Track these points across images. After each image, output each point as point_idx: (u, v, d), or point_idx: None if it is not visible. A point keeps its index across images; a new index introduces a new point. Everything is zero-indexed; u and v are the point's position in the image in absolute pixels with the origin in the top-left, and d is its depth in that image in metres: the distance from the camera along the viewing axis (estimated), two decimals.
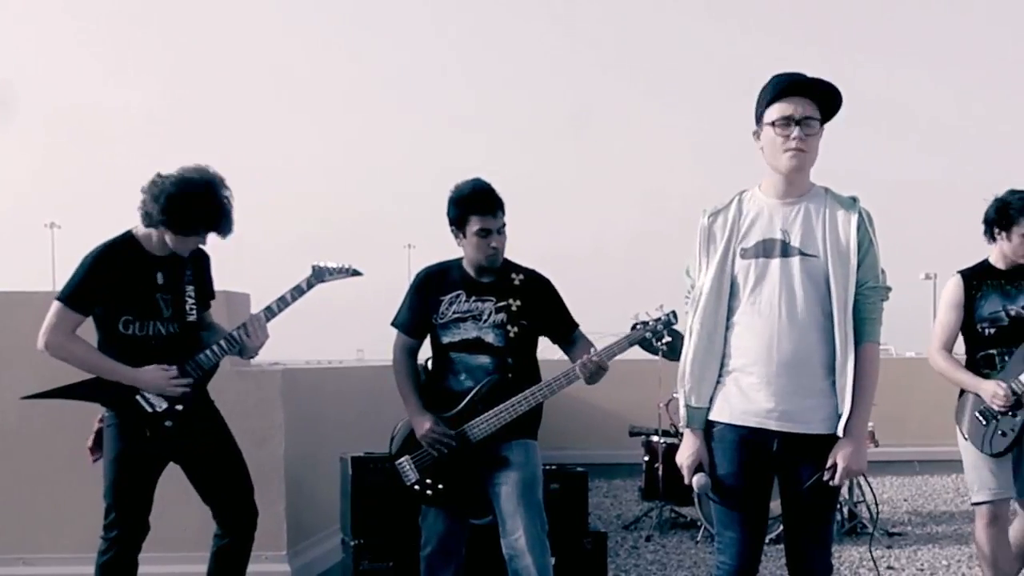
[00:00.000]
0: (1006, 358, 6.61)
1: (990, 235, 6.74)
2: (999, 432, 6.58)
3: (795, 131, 4.51)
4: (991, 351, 6.69)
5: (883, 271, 4.70)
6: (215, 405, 6.13)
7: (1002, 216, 6.64)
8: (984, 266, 6.80)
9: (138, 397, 5.75)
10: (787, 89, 4.57)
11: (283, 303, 6.00)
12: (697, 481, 4.64)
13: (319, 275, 6.03)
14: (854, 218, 4.61)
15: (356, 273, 6.13)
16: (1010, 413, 6.51)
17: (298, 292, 6.01)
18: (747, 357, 4.59)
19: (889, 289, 4.73)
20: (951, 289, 6.81)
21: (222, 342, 5.91)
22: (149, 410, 5.76)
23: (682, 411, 4.72)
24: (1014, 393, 6.46)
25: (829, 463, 4.54)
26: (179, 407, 5.81)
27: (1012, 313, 6.65)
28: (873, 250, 4.65)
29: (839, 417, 4.56)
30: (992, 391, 6.48)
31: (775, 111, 4.56)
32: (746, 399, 4.60)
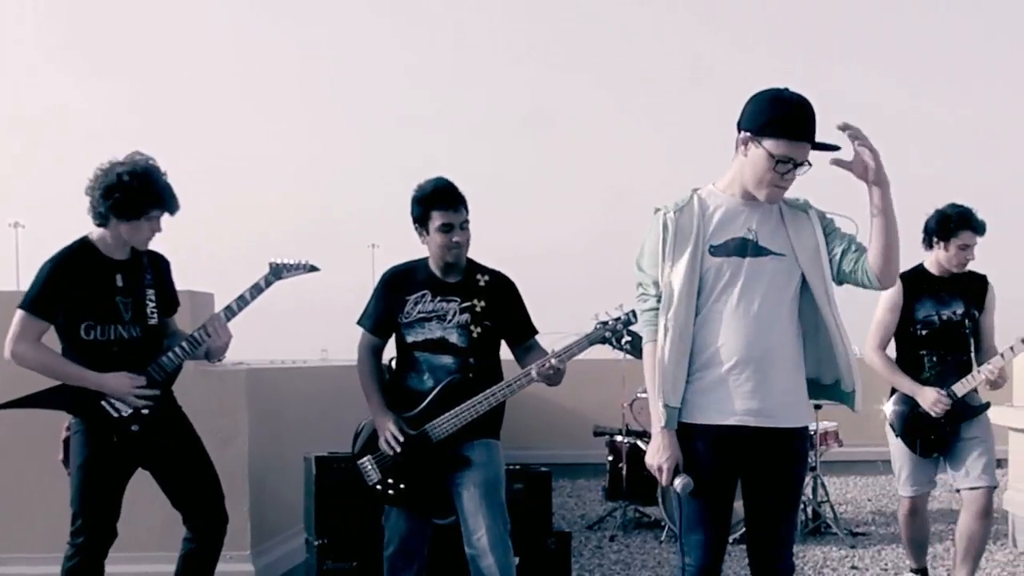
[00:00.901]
0: (933, 358, 7.13)
1: (928, 243, 7.23)
2: (931, 437, 7.13)
3: (791, 174, 4.53)
4: (921, 352, 7.18)
5: (847, 233, 4.75)
6: (182, 409, 6.13)
7: (942, 228, 7.10)
8: (920, 271, 7.27)
9: (103, 403, 5.73)
10: (798, 135, 4.51)
11: (243, 302, 6.00)
12: (681, 483, 4.57)
13: (277, 272, 6.03)
14: (814, 216, 4.69)
15: (313, 269, 6.13)
16: (941, 419, 6.99)
17: (257, 290, 6.01)
18: (719, 355, 4.58)
19: (855, 231, 4.75)
20: (892, 291, 7.03)
21: (184, 344, 5.90)
22: (115, 415, 5.75)
23: (658, 411, 4.63)
24: (951, 400, 6.95)
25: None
26: (145, 411, 5.80)
27: (944, 317, 7.14)
28: (833, 224, 4.74)
29: (808, 410, 4.75)
30: (934, 399, 6.96)
31: (781, 147, 4.50)
32: (720, 398, 4.59)
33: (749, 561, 4.87)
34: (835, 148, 4.51)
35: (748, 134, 4.57)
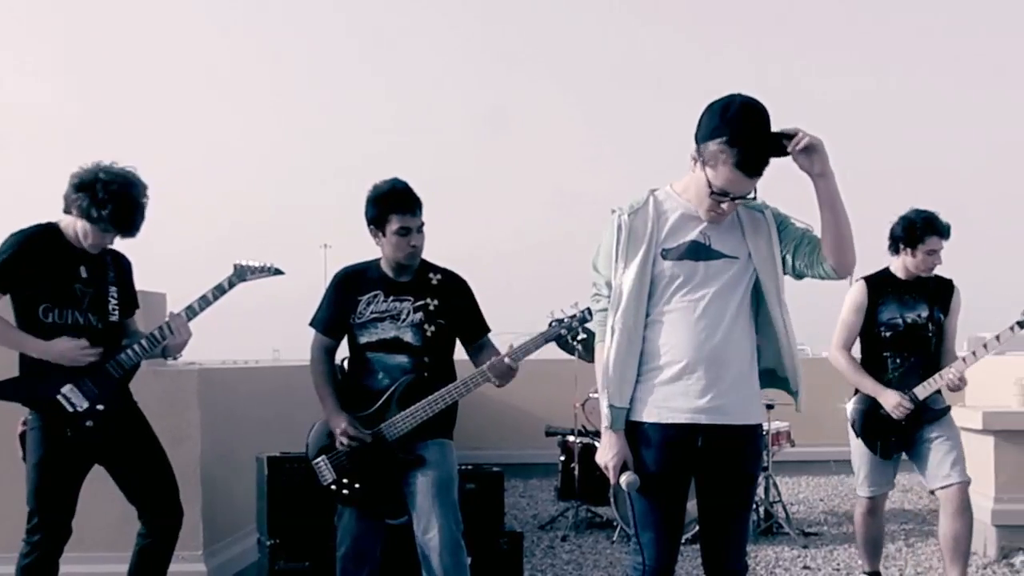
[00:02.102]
0: (897, 360, 7.23)
1: (894, 249, 7.33)
2: (892, 439, 7.23)
3: (727, 205, 4.52)
4: (885, 353, 7.26)
5: (800, 224, 4.74)
6: (138, 405, 6.13)
7: (908, 234, 7.19)
8: (886, 275, 7.38)
9: (59, 397, 5.72)
10: (744, 166, 4.39)
11: (205, 302, 6.00)
12: (626, 479, 4.57)
13: (241, 274, 6.03)
14: (769, 216, 4.70)
15: (278, 272, 6.13)
16: (903, 422, 7.09)
17: (220, 291, 6.01)
18: (672, 355, 4.59)
19: (809, 225, 4.74)
20: (856, 293, 7.34)
21: (143, 341, 5.90)
22: (70, 409, 5.74)
23: (605, 411, 4.64)
24: (913, 403, 7.03)
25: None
26: (100, 407, 5.80)
27: (908, 320, 7.22)
28: (788, 220, 4.74)
29: (761, 409, 4.77)
30: (896, 402, 7.05)
31: (720, 176, 4.42)
32: (673, 397, 4.59)
33: (702, 561, 4.88)
34: (784, 151, 4.45)
35: (696, 153, 4.53)
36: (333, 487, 5.90)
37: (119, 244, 6.01)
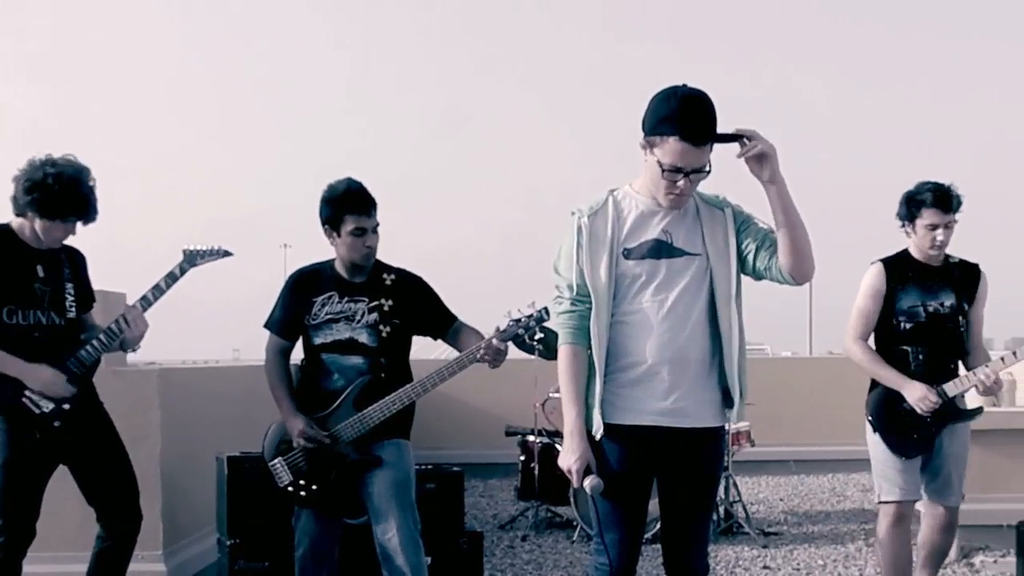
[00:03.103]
0: (920, 356, 6.43)
1: (904, 230, 6.58)
2: (914, 436, 6.43)
3: (682, 182, 4.48)
4: (904, 347, 6.48)
5: (762, 225, 4.73)
6: (102, 404, 6.13)
7: (907, 209, 6.51)
8: (906, 256, 6.61)
9: (24, 399, 5.71)
10: (685, 135, 4.40)
11: (158, 291, 5.98)
12: (590, 483, 4.54)
13: (191, 259, 6.02)
14: (729, 213, 4.68)
15: (227, 254, 6.10)
16: (927, 418, 6.35)
17: (171, 278, 5.99)
18: (635, 357, 4.58)
19: (770, 227, 4.70)
20: (873, 277, 6.58)
21: (101, 336, 5.89)
22: (36, 411, 5.72)
23: (575, 415, 4.63)
24: (941, 399, 6.31)
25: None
26: (66, 406, 5.79)
27: (930, 309, 6.47)
28: (751, 221, 4.73)
29: (724, 410, 4.68)
30: (921, 395, 6.30)
31: (667, 154, 4.43)
32: (635, 399, 4.60)
33: (663, 561, 4.89)
34: (735, 139, 4.47)
35: (644, 141, 4.56)
36: (290, 489, 5.90)
37: (75, 239, 6.02)
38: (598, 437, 4.61)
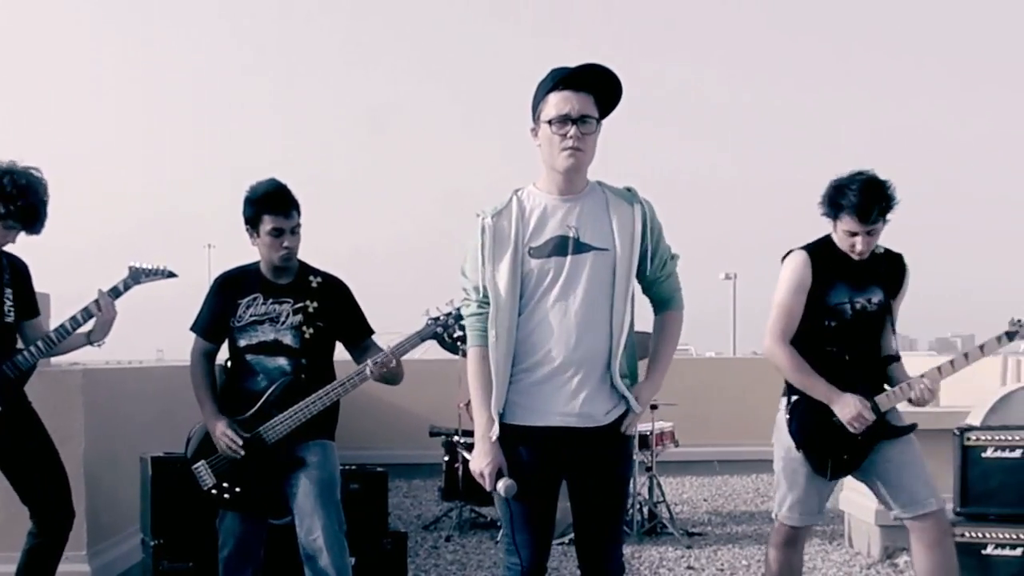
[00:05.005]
0: (845, 357, 5.76)
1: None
2: (843, 456, 5.80)
3: (572, 130, 4.50)
4: (829, 348, 5.79)
5: (668, 246, 4.81)
6: (32, 405, 6.15)
7: (829, 206, 5.77)
8: (831, 245, 5.87)
9: None
10: (565, 81, 4.54)
11: (96, 307, 6.03)
12: (504, 485, 4.57)
13: (135, 276, 6.06)
14: (638, 210, 4.68)
15: (172, 275, 6.16)
16: (858, 436, 5.71)
17: (115, 293, 6.05)
18: (541, 357, 4.59)
19: (677, 256, 4.83)
20: (798, 267, 5.80)
21: (40, 343, 5.92)
22: None
23: (484, 419, 4.65)
24: (875, 413, 5.70)
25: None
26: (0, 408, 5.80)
27: (857, 306, 5.78)
28: (660, 233, 4.76)
29: (622, 401, 4.68)
30: (856, 412, 5.64)
31: (552, 107, 4.53)
32: (543, 399, 4.60)
33: (579, 562, 4.91)
34: (607, 75, 4.57)
35: (532, 125, 4.68)
36: (213, 491, 5.92)
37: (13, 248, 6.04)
38: (493, 438, 4.63)
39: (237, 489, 5.88)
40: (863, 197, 5.57)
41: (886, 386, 5.83)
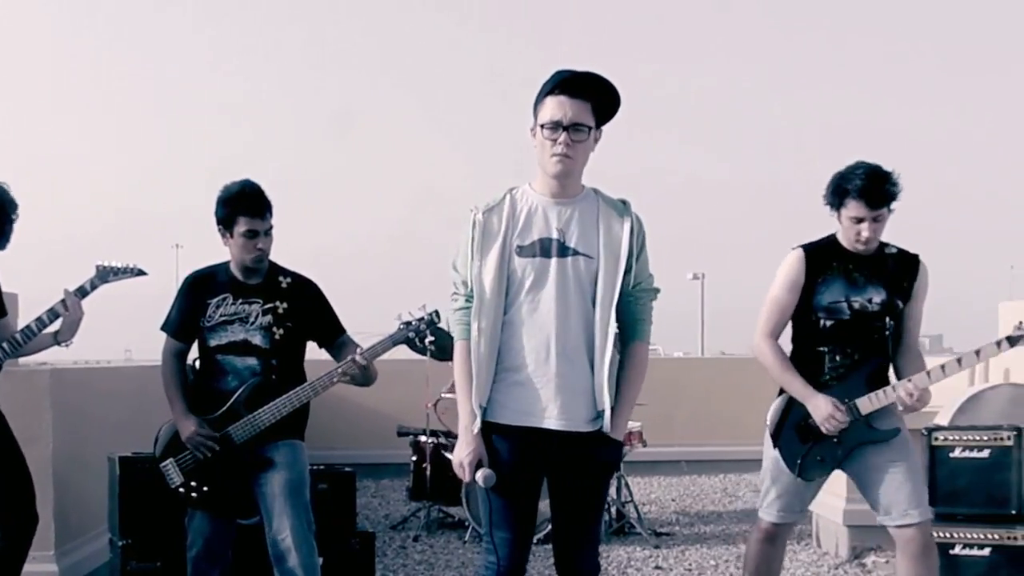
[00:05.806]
0: (837, 358, 5.71)
1: (832, 215, 5.80)
2: (817, 457, 5.77)
3: (562, 137, 4.55)
4: (822, 348, 5.76)
5: (651, 275, 4.83)
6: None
7: (833, 195, 5.71)
8: (831, 243, 5.83)
9: None
10: (561, 87, 4.58)
11: (63, 307, 6.02)
12: (483, 475, 4.60)
13: (103, 275, 6.06)
14: (627, 223, 4.69)
15: (141, 273, 6.16)
16: (834, 439, 5.69)
17: (81, 293, 6.04)
18: (523, 357, 4.63)
19: (658, 291, 4.85)
20: (792, 265, 5.79)
21: (5, 344, 5.93)
22: None
23: (467, 411, 4.67)
24: (851, 417, 5.64)
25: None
26: None
27: (856, 306, 5.70)
28: (645, 254, 4.78)
29: (600, 414, 4.65)
30: (827, 413, 5.61)
31: (547, 111, 4.58)
32: (523, 399, 4.63)
33: (555, 561, 4.91)
34: (605, 86, 4.62)
35: (533, 124, 4.70)
36: (181, 490, 5.91)
37: None
38: (475, 431, 4.65)
39: (205, 488, 5.87)
40: (869, 181, 5.55)
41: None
